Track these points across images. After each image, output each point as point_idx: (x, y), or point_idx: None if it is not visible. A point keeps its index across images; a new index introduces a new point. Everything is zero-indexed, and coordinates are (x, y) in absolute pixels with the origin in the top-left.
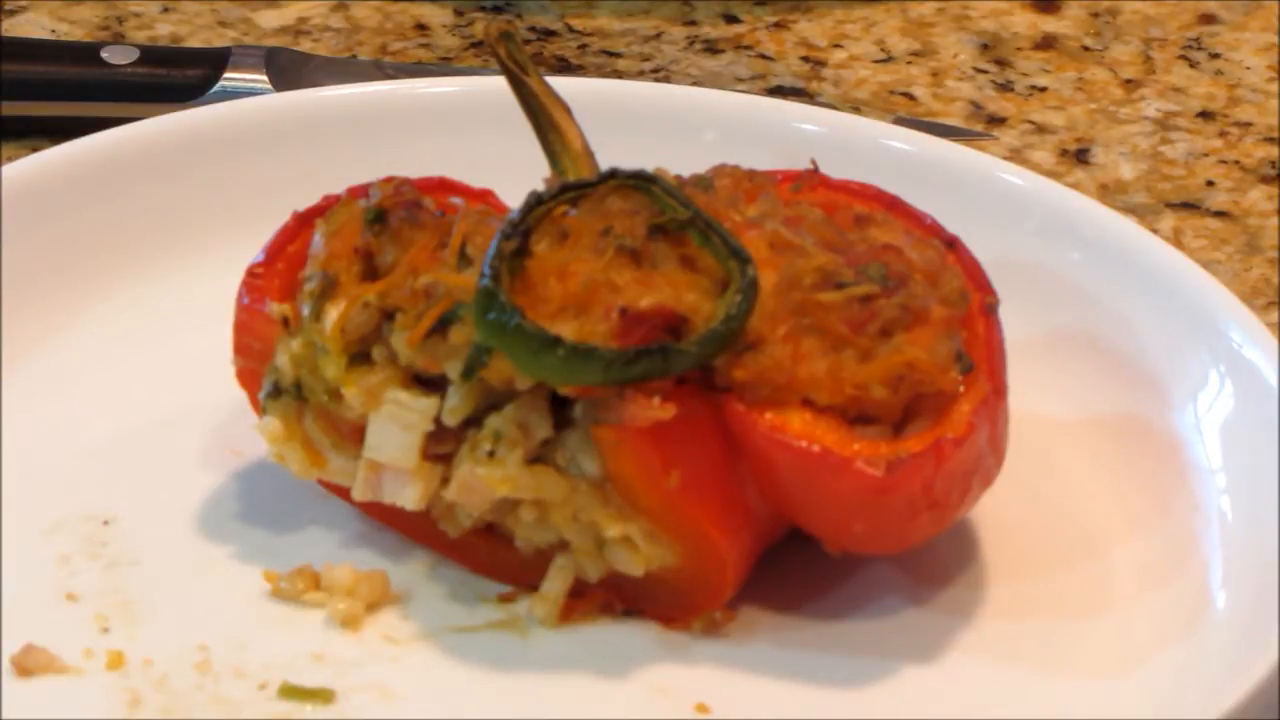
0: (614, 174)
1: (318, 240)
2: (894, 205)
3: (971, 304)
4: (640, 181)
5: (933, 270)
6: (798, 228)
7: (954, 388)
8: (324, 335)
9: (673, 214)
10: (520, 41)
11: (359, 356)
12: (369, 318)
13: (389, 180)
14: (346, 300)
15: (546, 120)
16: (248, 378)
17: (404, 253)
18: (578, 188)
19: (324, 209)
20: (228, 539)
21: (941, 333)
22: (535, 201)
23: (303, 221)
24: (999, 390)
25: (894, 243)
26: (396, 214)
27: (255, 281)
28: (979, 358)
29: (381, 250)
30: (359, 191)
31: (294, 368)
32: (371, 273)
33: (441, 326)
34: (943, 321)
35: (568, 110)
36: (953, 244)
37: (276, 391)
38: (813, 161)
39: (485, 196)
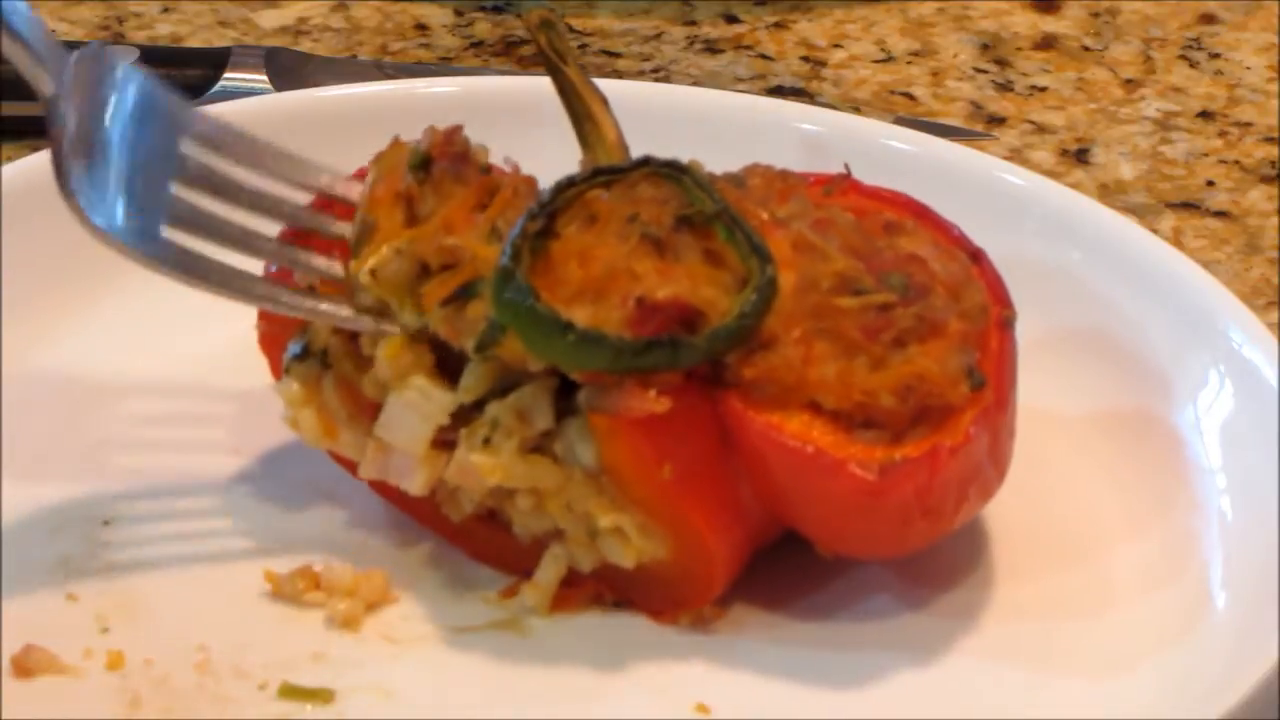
0: (647, 161)
1: (367, 182)
2: (923, 214)
3: (990, 318)
4: (672, 171)
5: (956, 283)
6: (825, 231)
7: (961, 402)
8: (359, 281)
9: (701, 206)
10: (563, 30)
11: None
12: (403, 265)
13: (444, 129)
14: (383, 246)
15: (583, 110)
16: (269, 342)
17: (442, 204)
18: (610, 172)
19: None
20: (228, 539)
21: (955, 346)
22: (566, 184)
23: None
24: (1001, 403)
25: (920, 253)
26: (441, 164)
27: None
28: (989, 370)
29: (422, 198)
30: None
31: (329, 328)
32: (412, 220)
33: (463, 296)
34: (958, 335)
35: (605, 101)
36: (977, 256)
37: (304, 354)
38: (846, 166)
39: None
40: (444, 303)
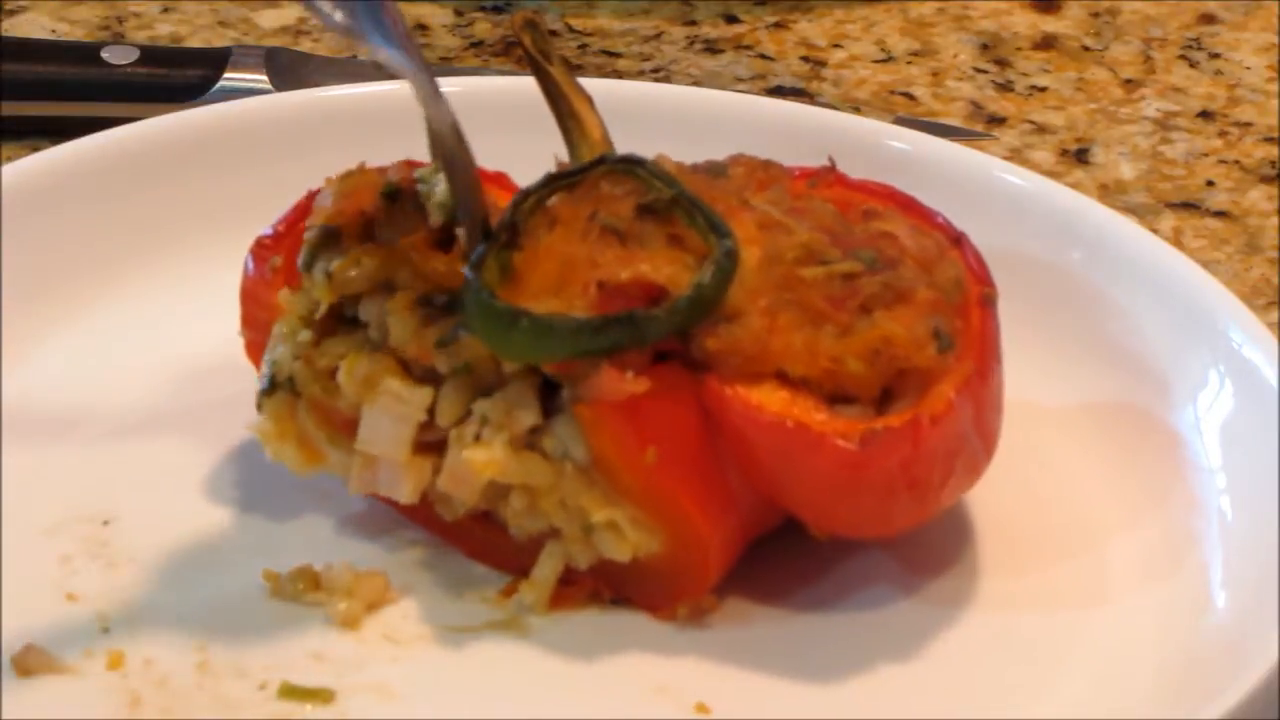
0: (602, 160)
1: (325, 196)
2: (908, 205)
3: (969, 295)
4: (627, 165)
5: (928, 258)
6: (799, 216)
7: (931, 365)
8: (315, 284)
9: (657, 194)
10: (545, 31)
11: (345, 320)
12: (360, 279)
13: (408, 164)
14: (344, 255)
15: (567, 109)
16: (255, 350)
17: (403, 236)
18: (565, 177)
19: None
20: (228, 539)
21: (923, 312)
22: (524, 195)
23: (312, 199)
24: (984, 374)
25: (895, 232)
26: (409, 197)
27: (263, 252)
28: (970, 344)
29: (385, 224)
30: (313, 195)
31: (291, 355)
32: (370, 239)
33: (434, 312)
34: (926, 302)
35: (589, 100)
36: (959, 240)
37: (272, 386)
38: (830, 159)
39: (499, 180)
40: (415, 307)
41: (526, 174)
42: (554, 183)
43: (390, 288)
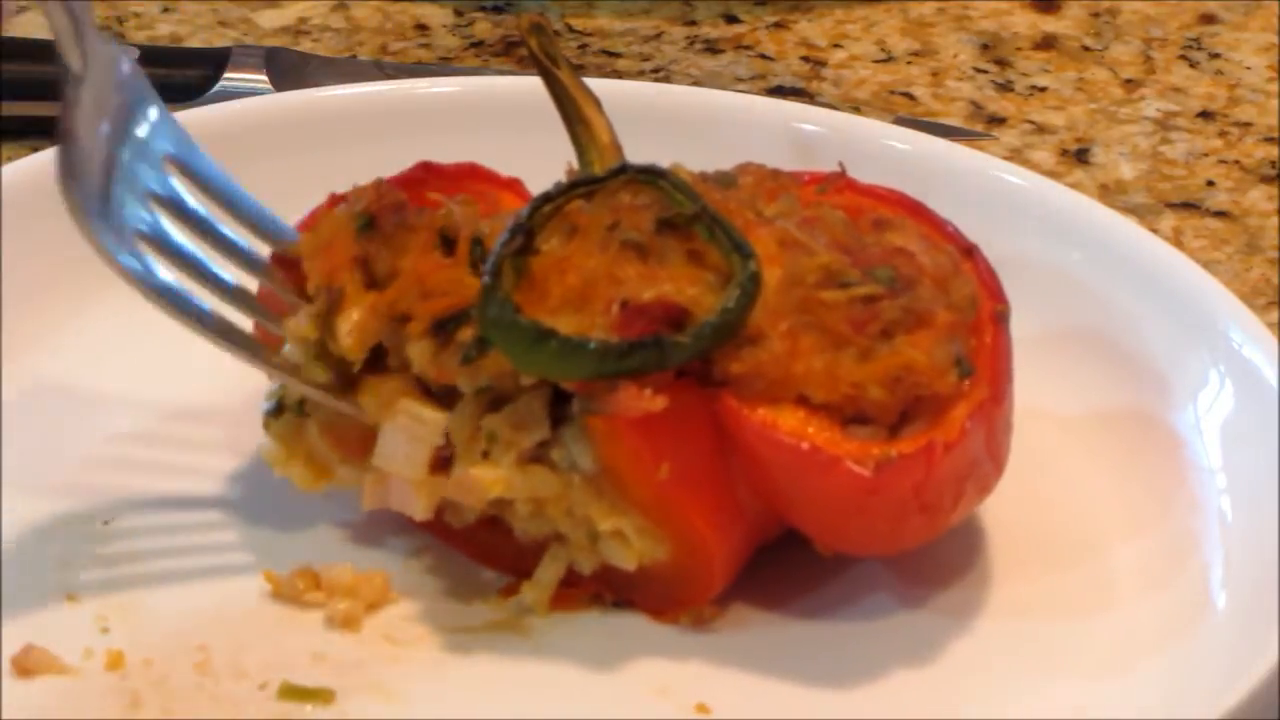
0: (624, 169)
1: (312, 252)
2: (917, 211)
3: (982, 311)
4: (650, 176)
5: (943, 275)
6: (812, 228)
7: (951, 391)
8: (341, 349)
9: (680, 208)
10: (552, 34)
11: (373, 360)
12: (379, 323)
13: (370, 185)
14: (358, 310)
15: (575, 113)
16: (265, 333)
17: (399, 258)
18: (586, 184)
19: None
20: (228, 539)
21: (943, 337)
22: (542, 200)
23: (337, 203)
24: (997, 397)
25: (909, 247)
26: (387, 219)
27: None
28: (983, 365)
29: (377, 256)
30: (336, 199)
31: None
32: (370, 280)
33: (451, 325)
34: (946, 326)
35: (597, 104)
36: (970, 252)
37: (279, 410)
38: (841, 164)
39: (512, 185)
40: (432, 332)
41: (526, 172)
42: (573, 189)
43: (405, 317)
